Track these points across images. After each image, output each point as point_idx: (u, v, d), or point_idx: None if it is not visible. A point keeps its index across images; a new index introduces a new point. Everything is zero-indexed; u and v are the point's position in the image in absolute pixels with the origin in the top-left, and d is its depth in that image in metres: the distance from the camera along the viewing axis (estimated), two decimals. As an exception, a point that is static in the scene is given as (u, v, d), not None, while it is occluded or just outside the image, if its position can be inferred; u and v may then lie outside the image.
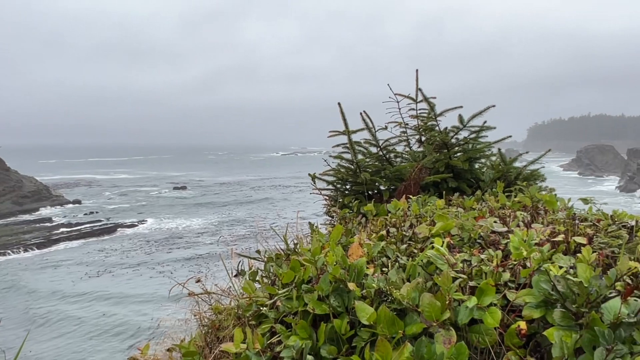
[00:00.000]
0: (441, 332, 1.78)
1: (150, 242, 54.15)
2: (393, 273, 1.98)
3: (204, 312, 2.91)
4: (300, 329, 2.00)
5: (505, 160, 4.50)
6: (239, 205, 78.86)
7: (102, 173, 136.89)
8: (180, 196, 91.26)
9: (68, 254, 49.17)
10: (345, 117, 4.19)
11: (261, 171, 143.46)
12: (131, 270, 42.56)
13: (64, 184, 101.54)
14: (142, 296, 34.70)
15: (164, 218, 68.64)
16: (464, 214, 2.55)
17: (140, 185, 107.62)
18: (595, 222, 2.59)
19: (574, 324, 1.73)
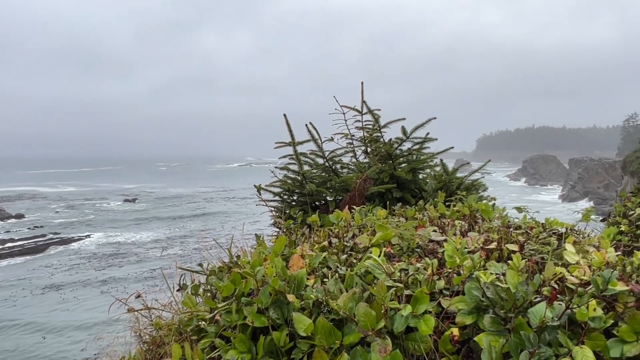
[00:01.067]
0: (377, 341, 1.80)
1: (99, 257, 52.14)
2: (331, 283, 2.00)
3: (144, 329, 2.83)
4: (238, 342, 1.97)
5: (448, 170, 4.64)
6: (192, 218, 77.24)
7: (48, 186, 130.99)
8: (131, 209, 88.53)
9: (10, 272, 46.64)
10: (291, 128, 4.21)
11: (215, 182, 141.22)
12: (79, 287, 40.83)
13: (5, 197, 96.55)
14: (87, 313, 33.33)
15: (114, 232, 66.30)
16: (403, 224, 2.61)
17: (89, 197, 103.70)
18: (528, 229, 2.71)
19: (503, 329, 1.80)
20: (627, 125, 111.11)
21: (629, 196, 7.00)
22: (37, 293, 39.57)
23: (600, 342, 1.86)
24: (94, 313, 33.15)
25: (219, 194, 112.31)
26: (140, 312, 2.83)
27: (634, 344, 1.90)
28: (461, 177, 4.64)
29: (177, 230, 67.28)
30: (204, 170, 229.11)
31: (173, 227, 69.23)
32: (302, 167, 4.32)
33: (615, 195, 44.55)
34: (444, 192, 3.53)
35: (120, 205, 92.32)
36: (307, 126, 4.40)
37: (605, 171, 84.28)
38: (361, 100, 4.73)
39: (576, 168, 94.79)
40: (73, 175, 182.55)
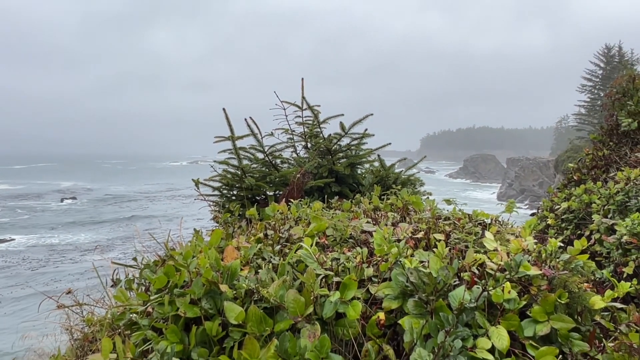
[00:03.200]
0: (307, 327, 1.85)
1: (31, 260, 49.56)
2: (264, 272, 2.04)
3: (75, 325, 2.76)
4: (170, 333, 1.98)
5: (385, 166, 4.78)
6: (133, 218, 74.79)
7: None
8: (69, 208, 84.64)
9: None
10: (230, 123, 4.21)
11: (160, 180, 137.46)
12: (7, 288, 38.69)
13: None
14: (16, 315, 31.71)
15: (50, 233, 63.14)
16: (336, 215, 2.68)
17: (22, 196, 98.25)
18: (456, 220, 2.84)
19: (425, 312, 1.90)
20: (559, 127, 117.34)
21: (556, 192, 7.45)
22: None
23: (515, 322, 1.99)
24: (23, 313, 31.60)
25: (162, 193, 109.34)
26: (71, 308, 2.76)
27: (545, 324, 2.06)
28: (398, 172, 4.79)
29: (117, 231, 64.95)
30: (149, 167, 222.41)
31: (113, 228, 66.76)
32: (241, 162, 4.32)
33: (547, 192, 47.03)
34: (380, 186, 3.65)
35: (56, 205, 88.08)
36: (246, 120, 4.40)
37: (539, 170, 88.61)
38: (301, 97, 4.79)
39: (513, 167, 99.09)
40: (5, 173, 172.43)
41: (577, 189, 6.48)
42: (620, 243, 4.69)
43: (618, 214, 5.43)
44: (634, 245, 4.53)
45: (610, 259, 4.87)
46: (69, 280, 39.63)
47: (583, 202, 6.04)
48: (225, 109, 4.19)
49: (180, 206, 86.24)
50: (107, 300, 2.78)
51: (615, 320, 2.33)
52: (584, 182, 7.13)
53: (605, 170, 6.97)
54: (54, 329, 2.85)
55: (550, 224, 6.64)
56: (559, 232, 6.44)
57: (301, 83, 4.73)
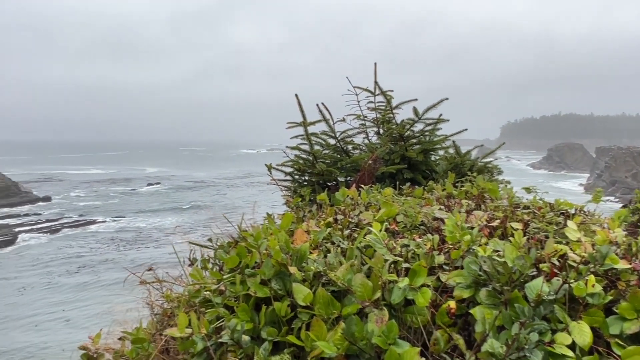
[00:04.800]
0: (375, 312, 1.83)
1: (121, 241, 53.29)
2: (332, 256, 2.04)
3: (155, 301, 2.92)
4: (241, 311, 2.03)
5: (460, 152, 4.62)
6: (214, 203, 78.08)
7: (75, 169, 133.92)
8: (153, 192, 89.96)
9: (38, 250, 48.15)
10: (303, 108, 4.25)
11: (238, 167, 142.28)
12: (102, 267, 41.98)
13: (34, 180, 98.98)
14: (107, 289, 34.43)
15: (137, 216, 67.50)
16: (407, 201, 2.63)
17: (113, 181, 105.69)
18: (536, 209, 2.69)
19: (499, 302, 1.82)
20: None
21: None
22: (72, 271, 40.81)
23: (599, 318, 1.86)
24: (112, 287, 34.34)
25: (241, 180, 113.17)
26: (152, 284, 2.92)
27: (633, 322, 1.90)
28: (473, 160, 4.62)
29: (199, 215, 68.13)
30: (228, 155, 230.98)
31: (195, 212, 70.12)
32: (312, 147, 4.36)
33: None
34: (455, 173, 3.53)
35: (143, 189, 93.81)
36: (318, 106, 4.43)
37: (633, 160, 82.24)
38: (374, 82, 4.73)
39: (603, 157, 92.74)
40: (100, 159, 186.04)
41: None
42: None
43: None
44: None
45: None
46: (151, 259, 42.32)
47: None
48: (297, 95, 4.23)
49: (257, 193, 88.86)
50: (184, 278, 2.92)
51: None
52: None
53: None
54: (137, 304, 3.03)
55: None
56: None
57: (374, 68, 4.67)
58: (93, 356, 2.90)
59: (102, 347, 2.95)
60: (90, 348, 2.92)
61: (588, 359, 1.72)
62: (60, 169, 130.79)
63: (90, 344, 2.94)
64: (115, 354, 2.93)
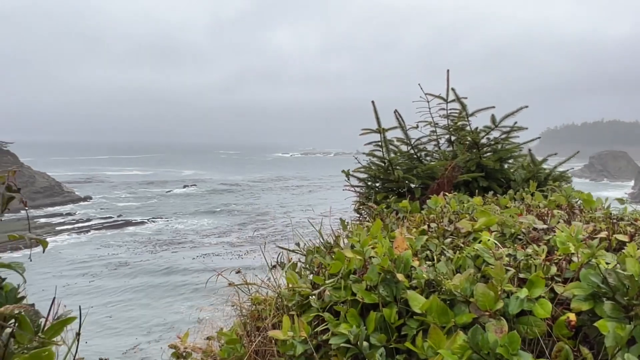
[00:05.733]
0: (492, 322, 1.83)
1: (160, 241, 54.44)
2: (442, 265, 2.04)
3: (243, 303, 2.98)
4: (350, 317, 2.06)
5: (536, 161, 4.54)
6: (248, 206, 78.89)
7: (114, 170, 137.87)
8: (190, 194, 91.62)
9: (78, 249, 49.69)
10: (378, 115, 4.26)
11: (272, 171, 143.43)
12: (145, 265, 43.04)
13: (75, 181, 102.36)
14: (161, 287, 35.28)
15: (174, 217, 68.84)
16: (505, 211, 2.60)
17: (151, 182, 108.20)
18: (634, 221, 2.63)
19: (623, 316, 1.78)
20: None
21: None
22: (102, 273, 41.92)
23: None
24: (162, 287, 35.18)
25: (274, 183, 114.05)
26: (239, 287, 2.98)
27: None
28: (548, 168, 4.54)
29: (234, 217, 68.95)
30: (262, 159, 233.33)
31: (230, 214, 70.99)
32: (389, 154, 4.36)
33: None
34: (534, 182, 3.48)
35: (180, 191, 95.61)
36: (395, 114, 4.44)
37: (681, 169, 78.87)
38: (447, 88, 4.71)
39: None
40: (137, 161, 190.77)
41: None
42: None
43: None
44: None
45: None
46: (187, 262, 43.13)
47: None
48: (373, 102, 4.25)
49: (291, 196, 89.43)
50: (271, 282, 2.97)
51: None
52: None
53: None
54: (222, 305, 3.10)
55: None
56: None
57: (447, 75, 4.65)
58: (182, 354, 2.99)
59: (190, 345, 3.03)
60: (179, 347, 3.01)
61: None
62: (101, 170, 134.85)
63: (179, 342, 3.03)
64: (204, 354, 3.01)
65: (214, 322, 3.12)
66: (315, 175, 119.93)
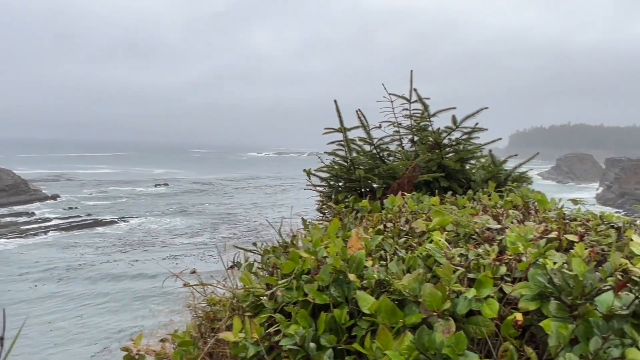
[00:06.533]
0: (440, 322, 1.82)
1: (129, 241, 53.45)
2: (393, 265, 2.03)
3: (198, 304, 2.92)
4: (300, 317, 2.03)
5: (496, 161, 4.61)
6: (221, 205, 78.24)
7: (83, 168, 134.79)
8: (161, 194, 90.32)
9: (44, 250, 48.36)
10: (341, 114, 4.25)
11: (245, 170, 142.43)
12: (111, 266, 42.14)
13: (43, 179, 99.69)
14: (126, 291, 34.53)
15: (144, 216, 67.71)
16: (460, 211, 2.61)
17: (121, 181, 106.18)
18: (585, 221, 2.67)
19: (568, 316, 1.80)
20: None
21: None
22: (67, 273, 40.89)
23: (668, 334, 1.84)
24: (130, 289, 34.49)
25: (247, 182, 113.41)
26: (194, 288, 2.92)
27: (700, 339, 1.88)
28: (508, 169, 4.61)
29: (206, 216, 68.24)
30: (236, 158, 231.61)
31: (203, 214, 70.24)
32: (351, 153, 4.36)
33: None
34: (494, 183, 3.53)
35: (151, 190, 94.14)
36: (357, 113, 4.44)
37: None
38: (410, 89, 4.73)
39: (613, 168, 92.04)
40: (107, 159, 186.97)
41: None
42: None
43: None
44: None
45: None
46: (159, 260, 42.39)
47: None
48: (336, 101, 4.24)
49: (265, 196, 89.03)
50: (227, 282, 2.91)
51: None
52: None
53: None
54: (178, 306, 3.04)
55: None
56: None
57: (410, 75, 4.67)
58: (135, 357, 2.91)
59: (143, 348, 2.95)
60: (132, 349, 2.93)
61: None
62: (70, 168, 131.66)
63: (132, 345, 2.95)
64: (157, 356, 2.94)
65: (172, 324, 3.05)
66: (289, 174, 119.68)
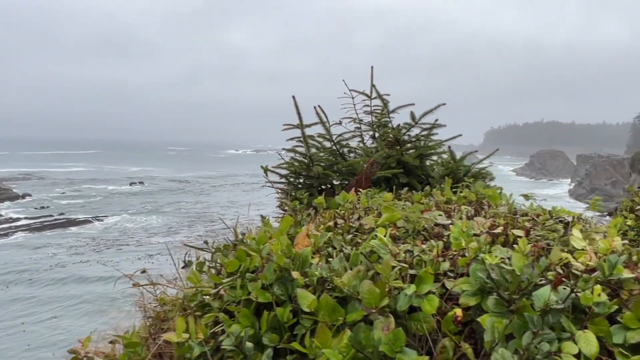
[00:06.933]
0: (380, 319, 1.80)
1: (103, 240, 52.41)
2: (336, 262, 2.01)
3: (148, 304, 2.85)
4: (242, 317, 1.99)
5: (455, 158, 4.63)
6: (198, 203, 77.35)
7: (56, 166, 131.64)
8: (137, 192, 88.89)
9: (13, 250, 47.10)
10: (299, 110, 4.21)
11: (223, 168, 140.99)
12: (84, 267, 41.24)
13: (14, 177, 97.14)
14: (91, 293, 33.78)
15: (120, 215, 66.52)
16: (409, 207, 2.61)
17: (95, 179, 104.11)
18: (535, 216, 2.70)
19: (506, 311, 1.80)
20: (637, 122, 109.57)
21: (638, 191, 6.95)
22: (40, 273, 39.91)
23: (604, 327, 1.85)
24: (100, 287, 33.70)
25: (225, 179, 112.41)
26: (145, 287, 2.86)
27: (637, 331, 1.90)
28: (468, 165, 4.63)
29: (182, 215, 67.40)
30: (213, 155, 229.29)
31: (179, 212, 69.34)
32: (309, 150, 4.32)
33: (623, 192, 44.12)
34: (451, 179, 3.53)
35: (126, 188, 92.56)
36: (315, 109, 4.40)
37: (613, 168, 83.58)
38: (370, 85, 4.72)
39: (584, 164, 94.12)
40: (82, 157, 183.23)
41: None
42: None
43: None
44: None
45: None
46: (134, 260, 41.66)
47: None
48: (294, 97, 4.20)
49: (242, 193, 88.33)
50: (178, 282, 2.85)
51: None
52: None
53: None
54: (130, 307, 2.97)
55: (630, 225, 6.21)
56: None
57: (370, 72, 4.66)
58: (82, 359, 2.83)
59: (92, 350, 2.87)
60: (80, 352, 2.85)
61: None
62: (41, 167, 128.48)
63: (80, 347, 2.87)
64: (105, 358, 2.86)
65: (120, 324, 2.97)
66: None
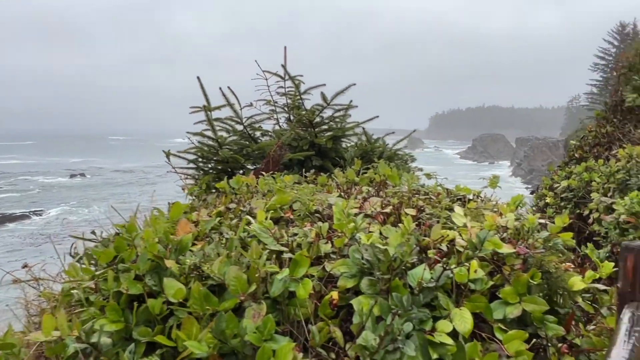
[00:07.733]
0: (252, 307, 1.71)
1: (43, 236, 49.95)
2: (211, 247, 1.89)
3: (33, 301, 2.64)
4: (110, 310, 1.84)
5: (370, 139, 4.61)
6: (144, 193, 75.00)
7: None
8: (78, 184, 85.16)
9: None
10: (206, 92, 4.04)
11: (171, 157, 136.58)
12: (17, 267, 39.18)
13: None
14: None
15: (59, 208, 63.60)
16: (301, 188, 2.53)
17: (33, 171, 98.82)
18: (434, 195, 2.68)
19: (381, 291, 1.75)
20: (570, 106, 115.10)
21: (556, 170, 7.22)
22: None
23: (481, 303, 1.84)
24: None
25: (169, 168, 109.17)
26: (27, 283, 2.64)
27: (516, 306, 1.90)
28: (382, 146, 4.62)
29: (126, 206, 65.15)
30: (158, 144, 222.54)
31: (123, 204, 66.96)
32: (216, 133, 4.16)
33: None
34: (363, 160, 3.49)
35: (67, 181, 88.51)
36: (221, 90, 4.23)
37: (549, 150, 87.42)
38: (283, 66, 4.58)
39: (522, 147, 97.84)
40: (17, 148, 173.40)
41: (577, 167, 6.26)
42: (618, 222, 4.50)
43: (618, 192, 5.21)
44: (631, 224, 4.34)
45: (608, 238, 4.69)
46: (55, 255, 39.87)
47: (583, 180, 5.82)
48: (199, 77, 4.01)
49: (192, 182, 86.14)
50: (64, 276, 2.66)
51: (597, 303, 2.18)
52: (585, 159, 6.88)
53: (608, 148, 6.72)
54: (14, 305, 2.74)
55: (549, 202, 6.44)
56: (558, 211, 6.24)
57: (284, 52, 4.53)
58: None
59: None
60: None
61: (468, 345, 1.69)
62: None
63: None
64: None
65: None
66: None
